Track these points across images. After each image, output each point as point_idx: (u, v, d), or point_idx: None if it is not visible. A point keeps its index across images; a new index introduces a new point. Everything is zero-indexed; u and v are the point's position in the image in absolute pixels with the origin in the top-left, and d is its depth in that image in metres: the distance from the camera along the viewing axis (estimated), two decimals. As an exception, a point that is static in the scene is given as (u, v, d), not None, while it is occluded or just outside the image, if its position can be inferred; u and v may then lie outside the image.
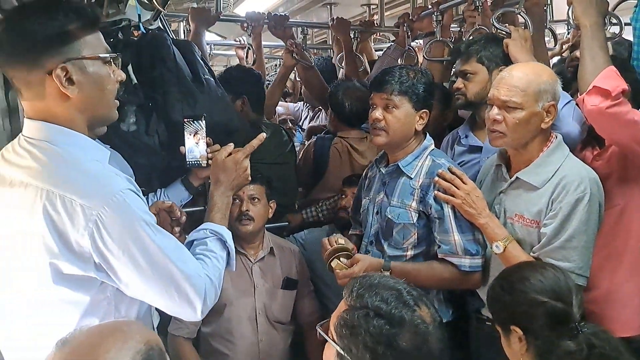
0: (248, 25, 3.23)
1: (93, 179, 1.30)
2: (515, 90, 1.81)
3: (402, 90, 2.01)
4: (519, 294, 1.53)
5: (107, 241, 1.26)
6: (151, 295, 1.36)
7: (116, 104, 1.43)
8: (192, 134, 1.99)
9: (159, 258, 1.32)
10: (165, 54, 2.37)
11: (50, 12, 1.28)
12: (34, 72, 1.28)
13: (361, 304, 1.24)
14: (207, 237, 1.54)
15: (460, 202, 1.91)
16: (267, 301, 2.50)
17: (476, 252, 1.96)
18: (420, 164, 2.05)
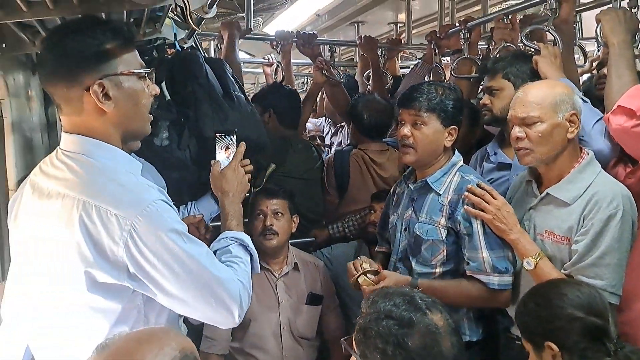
0: (277, 44, 3.29)
1: (127, 190, 1.34)
2: (531, 105, 1.81)
3: (430, 106, 1.99)
4: (556, 309, 1.50)
5: (143, 250, 1.29)
6: (189, 304, 1.37)
7: (150, 118, 1.47)
8: (223, 149, 2.03)
9: (193, 265, 1.34)
10: (198, 71, 2.44)
11: (89, 31, 1.33)
12: (73, 88, 1.32)
13: (374, 309, 1.27)
14: (229, 245, 1.56)
15: (491, 218, 1.88)
16: (292, 317, 2.49)
17: (505, 270, 1.92)
18: (449, 180, 2.03)
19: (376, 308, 1.26)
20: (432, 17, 3.95)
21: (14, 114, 1.82)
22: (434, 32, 3.23)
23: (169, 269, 1.31)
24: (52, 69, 1.35)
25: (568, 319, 1.48)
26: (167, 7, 1.61)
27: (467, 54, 2.89)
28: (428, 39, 3.24)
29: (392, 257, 2.20)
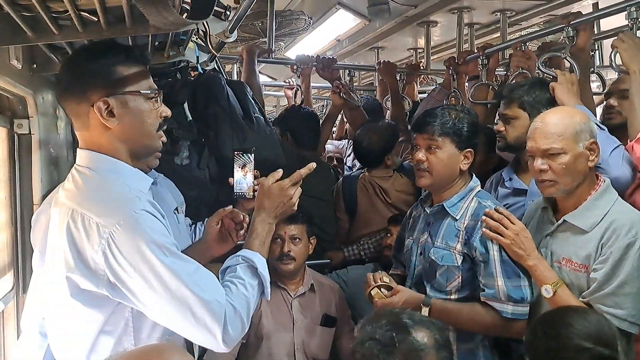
0: (297, 67, 3.36)
1: (112, 200, 1.37)
2: (553, 136, 1.79)
3: (444, 130, 1.98)
4: (564, 339, 1.48)
5: (119, 259, 1.28)
6: (169, 319, 1.34)
7: (159, 135, 1.50)
8: (241, 167, 2.07)
9: (172, 281, 1.30)
10: (219, 93, 2.51)
11: (101, 53, 1.40)
12: (81, 104, 1.39)
13: (363, 332, 1.29)
14: (238, 264, 1.50)
15: (509, 242, 1.85)
16: (306, 337, 2.49)
17: (521, 300, 1.87)
18: (465, 205, 2.00)
19: (364, 331, 1.27)
20: (451, 43, 3.97)
21: (41, 131, 1.89)
22: (452, 58, 3.25)
23: (145, 280, 1.29)
24: (65, 86, 1.43)
25: (576, 349, 1.46)
26: (190, 31, 1.67)
27: (484, 80, 2.91)
28: (446, 65, 3.26)
29: (407, 282, 2.17)
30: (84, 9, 1.23)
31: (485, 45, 2.96)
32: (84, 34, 1.36)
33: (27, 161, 1.86)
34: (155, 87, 1.47)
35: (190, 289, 1.31)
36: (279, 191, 1.63)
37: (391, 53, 4.40)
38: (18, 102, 1.79)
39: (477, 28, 3.73)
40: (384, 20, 3.60)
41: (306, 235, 2.51)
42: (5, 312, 1.86)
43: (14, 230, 1.87)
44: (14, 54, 1.58)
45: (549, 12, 3.30)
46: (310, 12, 3.59)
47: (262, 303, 2.48)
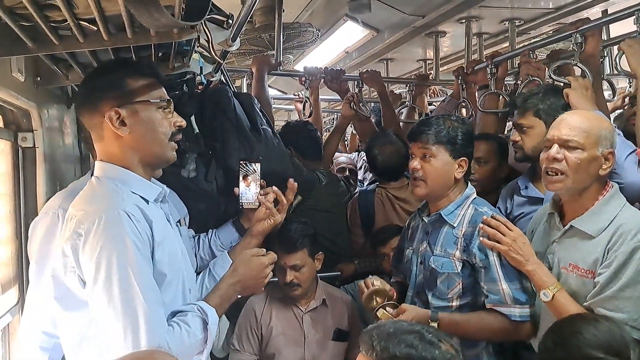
0: (306, 79, 3.35)
1: (96, 201, 1.41)
2: (578, 129, 1.76)
3: (438, 139, 2.00)
4: (572, 349, 1.45)
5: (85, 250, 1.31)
6: (104, 322, 1.32)
7: (172, 145, 1.52)
8: (247, 177, 2.06)
9: (129, 284, 1.31)
10: (226, 106, 2.50)
11: (112, 67, 1.49)
12: (94, 116, 1.45)
13: (389, 355, 1.20)
14: (191, 311, 1.48)
15: (507, 249, 1.86)
16: (317, 352, 2.45)
17: (525, 301, 1.89)
18: (462, 212, 2.02)
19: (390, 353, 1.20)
20: (460, 54, 3.95)
21: (46, 145, 1.89)
22: (461, 68, 3.22)
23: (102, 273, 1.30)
24: (81, 100, 1.51)
25: (586, 359, 1.42)
26: (193, 41, 1.67)
27: (494, 89, 2.88)
28: (455, 75, 3.24)
29: (408, 292, 2.17)
30: (83, 18, 1.22)
31: (494, 54, 2.92)
32: (84, 44, 1.36)
33: (32, 174, 1.86)
34: (166, 97, 1.51)
35: (144, 300, 1.32)
36: (257, 266, 1.69)
37: (400, 64, 4.40)
38: (22, 115, 1.80)
39: (486, 38, 3.71)
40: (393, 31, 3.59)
41: (310, 257, 2.45)
42: (11, 326, 1.85)
43: (19, 244, 1.86)
44: (16, 65, 1.58)
45: (557, 20, 3.27)
46: (319, 24, 3.59)
47: (272, 318, 2.46)
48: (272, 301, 2.49)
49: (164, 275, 1.43)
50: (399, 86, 4.55)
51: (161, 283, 1.42)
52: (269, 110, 3.10)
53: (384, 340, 1.23)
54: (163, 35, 1.40)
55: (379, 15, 3.49)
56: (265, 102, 3.06)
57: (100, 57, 1.68)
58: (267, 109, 2.94)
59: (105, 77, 1.46)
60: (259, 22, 3.48)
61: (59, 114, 2.08)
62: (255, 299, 2.51)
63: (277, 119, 5.96)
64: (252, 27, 3.50)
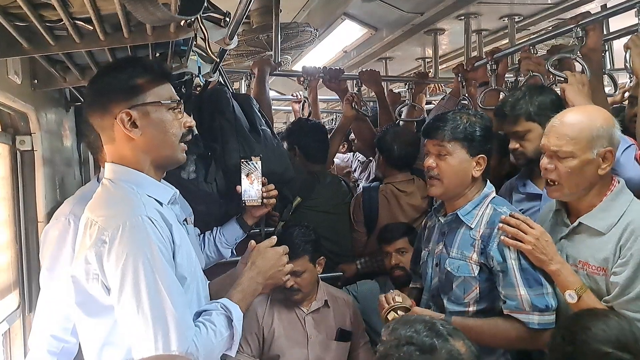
0: (304, 79, 3.33)
1: (117, 205, 1.40)
2: (566, 138, 1.72)
3: (454, 136, 1.91)
4: (582, 344, 1.43)
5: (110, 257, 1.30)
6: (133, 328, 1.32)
7: (182, 147, 1.51)
8: (248, 175, 2.06)
9: (157, 289, 1.30)
10: (225, 106, 2.49)
11: (122, 68, 1.45)
12: (105, 117, 1.43)
13: (395, 336, 1.23)
14: (215, 310, 1.48)
15: (530, 248, 1.76)
16: (321, 353, 2.44)
17: (546, 308, 1.77)
18: (480, 213, 1.92)
19: (397, 335, 1.22)
20: (460, 51, 3.94)
21: (44, 148, 1.87)
22: (460, 65, 3.20)
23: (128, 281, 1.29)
24: (90, 102, 1.48)
25: (594, 354, 1.40)
26: (190, 41, 1.66)
27: (494, 86, 2.86)
28: (455, 72, 3.21)
29: (424, 295, 2.10)
30: (78, 17, 1.21)
31: (494, 50, 2.90)
32: (81, 45, 1.35)
33: (30, 178, 1.85)
34: (176, 97, 1.50)
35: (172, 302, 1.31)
36: (274, 255, 1.67)
37: (399, 63, 4.38)
38: (20, 118, 1.78)
39: (485, 34, 3.70)
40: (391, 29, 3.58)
41: (310, 263, 2.42)
42: (12, 331, 1.84)
43: (19, 248, 1.85)
44: (13, 68, 1.57)
45: (557, 15, 3.26)
46: (316, 24, 3.57)
47: (274, 320, 2.45)
48: (273, 303, 2.48)
49: (185, 279, 1.43)
50: (399, 85, 4.54)
51: (182, 286, 1.41)
52: (269, 112, 3.09)
53: (399, 324, 1.26)
54: (160, 34, 1.39)
55: (377, 13, 3.48)
56: (266, 104, 3.05)
57: (97, 58, 1.67)
58: (267, 111, 2.93)
59: (114, 77, 1.43)
60: (257, 22, 3.47)
61: (58, 117, 2.06)
62: (257, 300, 2.50)
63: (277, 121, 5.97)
64: (250, 27, 3.49)
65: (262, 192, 2.13)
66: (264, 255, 1.66)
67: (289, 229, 2.50)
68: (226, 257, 2.30)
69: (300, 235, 2.41)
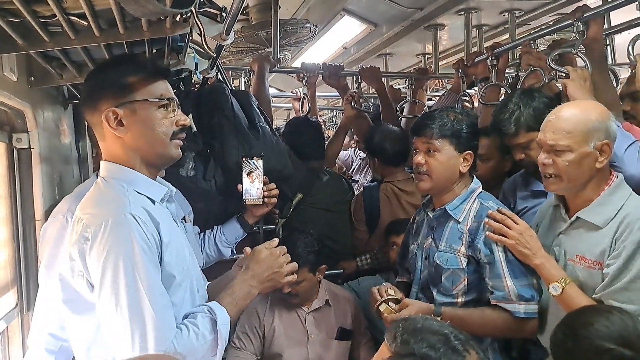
0: (304, 76, 3.32)
1: (103, 204, 1.38)
2: (562, 132, 1.73)
3: (442, 133, 1.96)
4: (582, 340, 1.42)
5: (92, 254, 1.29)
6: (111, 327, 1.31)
7: (175, 143, 1.48)
8: (249, 173, 2.05)
9: (136, 288, 1.29)
10: (223, 103, 2.48)
11: (116, 65, 1.44)
12: (94, 115, 1.42)
13: (407, 350, 1.17)
14: (201, 312, 1.44)
15: (514, 243, 1.82)
16: (321, 352, 2.43)
17: (531, 298, 1.86)
18: (468, 207, 1.99)
19: (409, 350, 1.16)
20: (460, 47, 3.91)
21: (42, 146, 1.86)
22: (461, 60, 3.18)
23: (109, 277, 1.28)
24: (83, 99, 1.49)
25: (596, 350, 1.39)
26: (187, 37, 1.64)
27: (494, 81, 2.84)
28: (455, 67, 3.20)
29: (413, 287, 2.14)
30: (72, 12, 1.19)
31: (494, 45, 2.88)
32: (76, 41, 1.33)
33: (28, 176, 1.83)
34: (168, 95, 1.47)
35: (151, 303, 1.30)
36: (269, 257, 1.61)
37: (399, 59, 4.36)
38: (16, 116, 1.77)
39: (486, 30, 3.68)
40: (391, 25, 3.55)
41: (310, 273, 2.39)
42: (10, 329, 1.83)
43: (16, 247, 1.84)
44: (8, 65, 1.56)
45: (557, 10, 3.24)
46: (316, 20, 3.56)
47: (275, 318, 2.44)
48: (274, 301, 2.47)
49: (173, 277, 1.41)
50: (399, 81, 4.52)
51: (170, 285, 1.39)
52: (269, 109, 3.07)
53: (407, 334, 1.20)
54: (156, 30, 1.37)
55: (376, 9, 3.46)
56: (266, 101, 3.03)
57: (93, 55, 1.65)
58: (266, 108, 2.92)
59: (106, 74, 1.42)
60: (255, 19, 3.46)
61: (55, 114, 2.05)
62: (257, 298, 2.49)
63: (277, 118, 5.96)
64: (249, 24, 3.48)
65: (263, 191, 2.12)
66: (259, 257, 1.62)
67: (293, 236, 2.45)
68: (226, 256, 2.29)
69: (303, 245, 2.37)
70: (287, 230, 2.78)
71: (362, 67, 3.48)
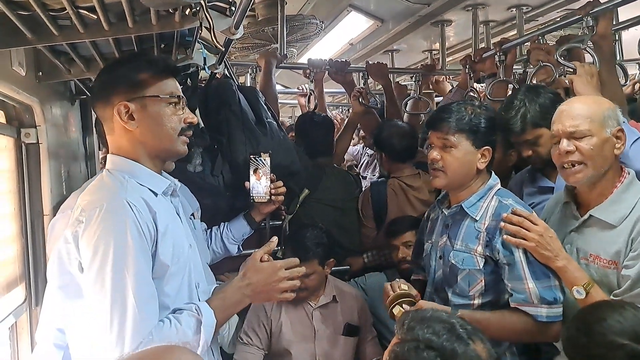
0: (310, 72, 3.31)
1: (100, 191, 1.41)
2: (581, 117, 1.72)
3: (459, 127, 1.88)
4: (596, 335, 1.40)
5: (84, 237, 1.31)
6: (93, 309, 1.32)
7: (182, 139, 1.51)
8: (257, 171, 2.05)
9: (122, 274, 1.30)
10: (231, 99, 2.48)
11: (125, 61, 1.48)
12: (106, 109, 1.46)
13: (411, 336, 1.18)
14: (187, 310, 1.43)
15: (534, 245, 1.74)
16: (328, 348, 2.43)
17: (554, 300, 1.75)
18: (485, 205, 1.90)
19: (414, 335, 1.17)
20: (467, 43, 3.89)
21: (50, 141, 1.86)
22: (468, 56, 3.16)
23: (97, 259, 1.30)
24: (95, 93, 1.53)
25: (609, 346, 1.37)
26: (196, 32, 1.64)
27: (502, 77, 2.82)
28: (462, 63, 3.18)
29: (427, 288, 2.08)
30: (82, 6, 1.19)
31: (502, 41, 2.86)
32: (85, 35, 1.33)
33: (36, 171, 1.84)
34: (178, 93, 1.51)
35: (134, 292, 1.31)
36: (267, 270, 1.55)
37: (406, 55, 4.33)
38: (24, 111, 1.77)
39: (493, 26, 3.64)
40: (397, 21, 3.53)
41: (319, 266, 2.40)
42: (18, 324, 1.83)
43: (25, 241, 1.84)
44: (17, 59, 1.56)
45: (566, 5, 3.21)
46: (322, 16, 3.54)
47: (281, 314, 2.44)
48: (281, 297, 2.46)
49: (166, 267, 1.41)
50: (404, 78, 4.51)
51: (163, 274, 1.41)
52: (276, 105, 3.07)
53: (414, 321, 1.21)
54: (165, 24, 1.38)
55: (383, 5, 3.44)
56: (272, 97, 3.03)
57: (102, 49, 1.66)
58: (273, 104, 2.91)
59: (119, 69, 1.46)
60: (262, 15, 3.45)
61: (63, 110, 2.05)
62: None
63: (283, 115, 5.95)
64: (255, 20, 3.47)
65: (270, 189, 2.11)
66: (259, 266, 1.55)
67: (302, 230, 2.47)
68: (232, 252, 2.29)
69: (312, 238, 2.39)
70: (294, 226, 2.79)
71: (369, 63, 3.46)
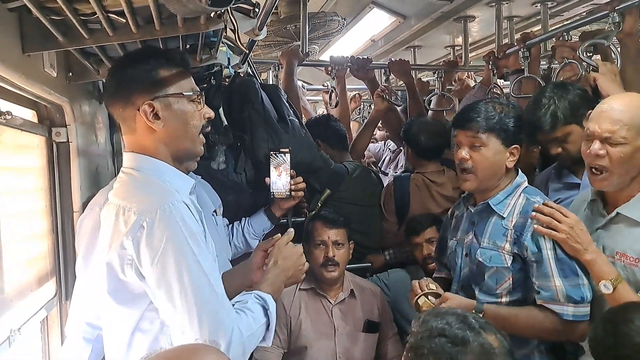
0: (332, 69, 3.32)
1: (151, 193, 1.39)
2: (619, 124, 1.67)
3: (489, 127, 1.86)
4: (623, 336, 1.39)
5: (149, 242, 1.29)
6: (174, 312, 1.30)
7: (201, 139, 1.51)
8: (277, 167, 2.07)
9: (199, 273, 1.30)
10: (254, 97, 2.51)
11: (144, 59, 1.45)
12: (127, 108, 1.43)
13: (426, 327, 1.22)
14: (250, 299, 1.46)
15: (565, 237, 1.73)
16: (348, 345, 2.44)
17: (581, 300, 1.74)
18: (512, 202, 1.89)
19: (428, 326, 1.21)
20: (490, 39, 3.86)
21: (79, 139, 1.91)
22: (492, 52, 3.13)
23: (170, 266, 1.29)
24: (112, 92, 1.47)
25: (636, 347, 1.36)
26: (220, 33, 1.66)
27: (527, 73, 2.79)
28: (485, 60, 3.15)
29: (452, 285, 2.07)
30: (111, 10, 1.23)
31: (525, 37, 2.82)
32: (114, 37, 1.36)
33: (66, 169, 1.88)
34: (197, 89, 1.50)
35: (213, 286, 1.31)
36: (295, 254, 1.65)
37: (428, 51, 4.31)
38: (55, 111, 1.82)
39: (517, 21, 3.61)
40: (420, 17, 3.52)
41: (347, 240, 2.48)
42: (49, 318, 1.89)
43: (55, 237, 1.89)
44: (48, 61, 1.60)
45: (591, 0, 3.16)
46: (344, 13, 3.55)
47: (301, 311, 2.47)
48: (300, 294, 2.50)
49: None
50: (426, 74, 4.48)
51: None
52: (297, 103, 3.09)
53: (430, 315, 1.25)
54: (190, 26, 1.40)
55: (405, 1, 3.44)
56: (295, 95, 3.05)
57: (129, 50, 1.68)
58: (295, 102, 2.93)
59: (137, 68, 1.43)
60: (284, 13, 3.47)
61: (92, 109, 2.10)
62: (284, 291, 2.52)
63: (304, 111, 5.96)
64: (277, 18, 3.49)
65: (290, 185, 2.14)
66: (286, 253, 1.64)
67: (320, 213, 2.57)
68: (254, 247, 2.31)
69: (333, 212, 2.51)
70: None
71: (391, 60, 3.45)
